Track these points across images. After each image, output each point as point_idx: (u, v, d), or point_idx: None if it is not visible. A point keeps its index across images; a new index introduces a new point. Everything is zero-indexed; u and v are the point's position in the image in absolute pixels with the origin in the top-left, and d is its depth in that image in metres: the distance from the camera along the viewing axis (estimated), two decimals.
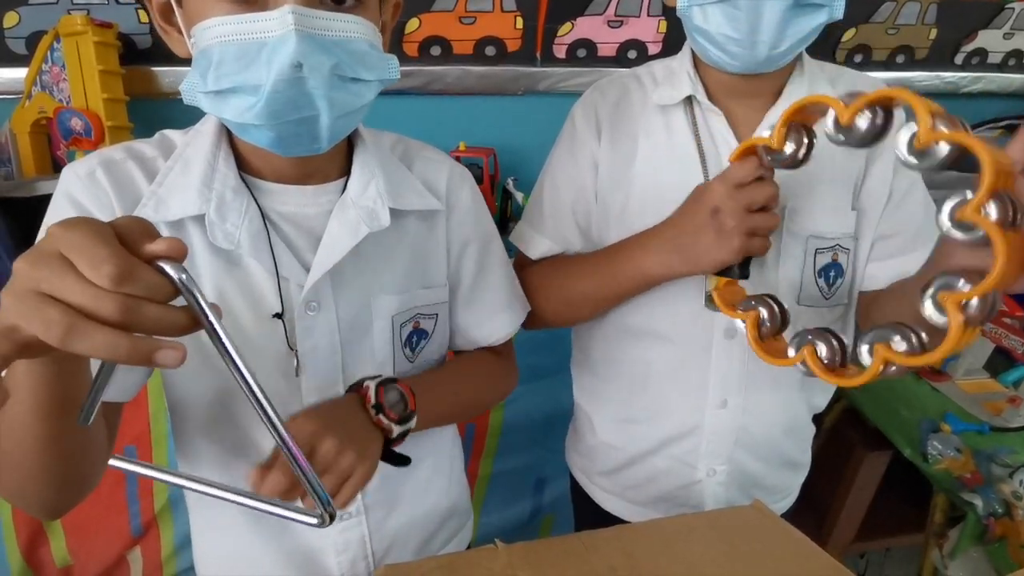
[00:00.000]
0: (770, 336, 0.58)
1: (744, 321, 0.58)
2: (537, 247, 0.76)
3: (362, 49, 0.47)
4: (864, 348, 0.47)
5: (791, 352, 0.53)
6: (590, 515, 0.88)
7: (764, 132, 0.65)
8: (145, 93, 1.24)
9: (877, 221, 0.69)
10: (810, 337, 0.52)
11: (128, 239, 0.32)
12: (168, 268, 0.33)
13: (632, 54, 1.40)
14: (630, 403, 0.78)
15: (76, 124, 1.11)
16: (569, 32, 1.36)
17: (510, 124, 1.46)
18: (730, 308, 0.60)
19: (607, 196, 0.72)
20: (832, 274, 0.69)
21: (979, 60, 1.59)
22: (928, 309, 0.43)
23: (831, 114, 0.50)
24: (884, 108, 0.48)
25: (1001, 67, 1.61)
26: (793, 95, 0.67)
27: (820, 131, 0.64)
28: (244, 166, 0.55)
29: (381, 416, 0.53)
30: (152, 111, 1.26)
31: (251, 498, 0.41)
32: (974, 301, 0.41)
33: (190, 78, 0.46)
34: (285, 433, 0.39)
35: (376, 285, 0.59)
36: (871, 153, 0.69)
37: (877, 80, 0.72)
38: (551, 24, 1.34)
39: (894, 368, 0.45)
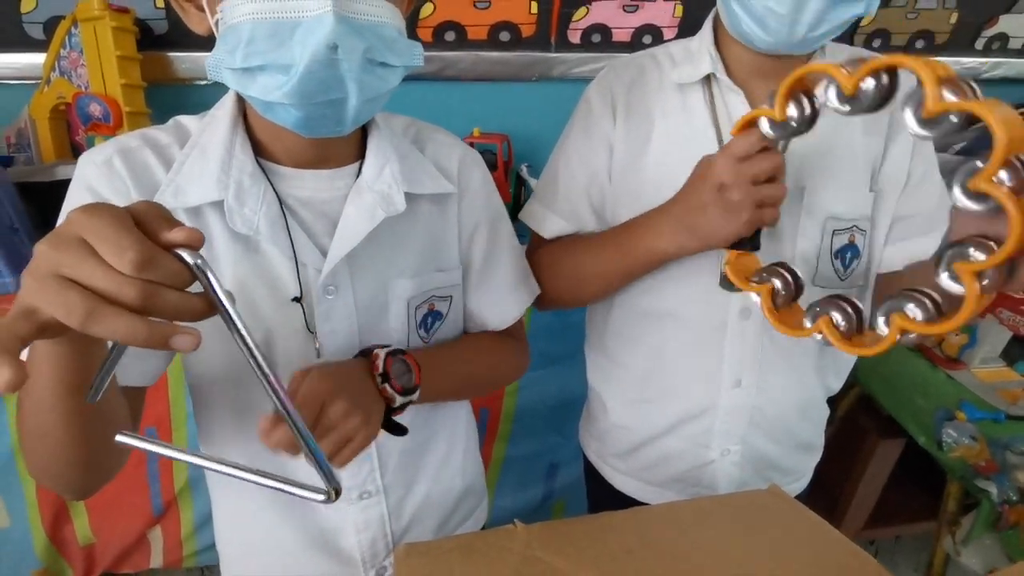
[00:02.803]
0: (785, 306, 0.58)
1: (759, 294, 0.57)
2: (550, 227, 0.76)
3: (391, 35, 0.47)
4: (881, 319, 0.47)
5: (807, 323, 0.53)
6: (604, 496, 0.89)
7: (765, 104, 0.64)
8: (161, 79, 1.25)
9: (895, 203, 0.69)
10: (825, 308, 0.52)
11: (146, 225, 0.33)
12: (186, 255, 0.33)
13: (647, 39, 1.39)
14: (644, 384, 0.78)
15: (95, 110, 1.12)
16: (584, 17, 1.34)
17: (524, 110, 1.46)
18: (743, 281, 0.59)
19: (622, 177, 0.72)
20: (848, 255, 0.69)
21: (1000, 45, 1.56)
22: (944, 279, 0.43)
23: (832, 87, 0.49)
24: (889, 73, 0.47)
25: (1022, 52, 1.58)
26: None
27: (858, 116, 0.63)
28: (259, 151, 0.55)
29: (386, 386, 0.54)
30: (169, 97, 1.27)
31: (258, 475, 0.41)
32: (990, 270, 0.41)
33: (216, 54, 0.46)
34: (296, 416, 0.40)
35: (392, 269, 0.59)
36: (889, 135, 0.68)
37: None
38: (566, 8, 1.33)
39: (912, 336, 0.45)
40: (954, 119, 0.42)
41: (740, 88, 0.67)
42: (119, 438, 0.38)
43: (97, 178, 0.51)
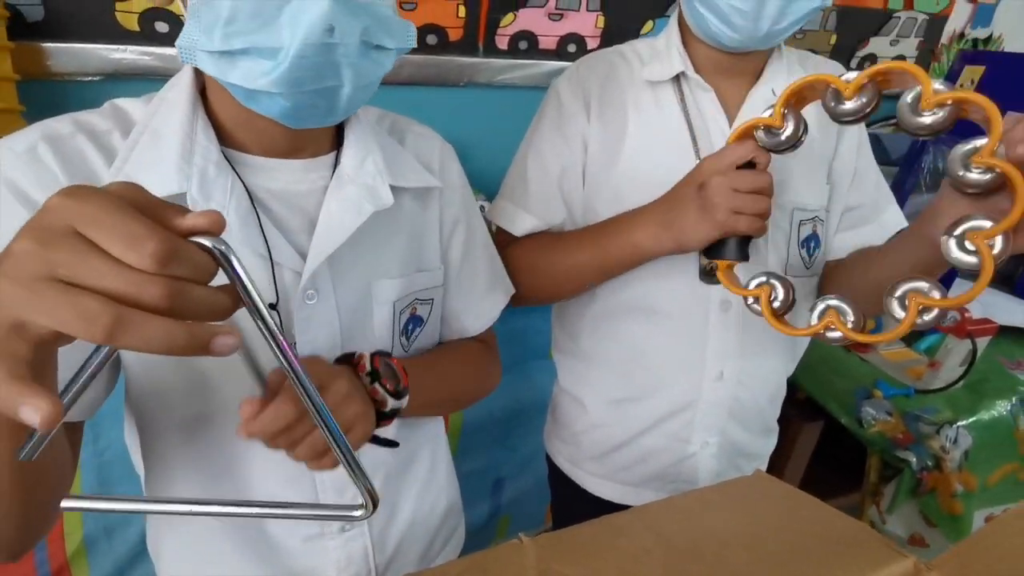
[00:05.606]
0: (782, 311, 0.59)
1: (757, 298, 0.58)
2: (521, 224, 0.74)
3: (386, 13, 0.42)
4: (895, 302, 0.49)
5: (813, 320, 0.55)
6: (575, 503, 0.87)
7: (759, 111, 0.67)
8: (35, 74, 1.07)
9: (844, 195, 0.74)
10: (830, 303, 0.54)
11: (151, 210, 0.27)
12: (207, 243, 0.29)
13: (572, 48, 1.41)
14: (625, 382, 0.77)
15: None
16: (511, 23, 1.34)
17: (451, 116, 1.42)
18: (737, 286, 0.60)
19: (597, 173, 0.72)
20: (812, 245, 0.73)
21: (870, 64, 1.76)
22: (955, 253, 0.46)
23: (829, 92, 0.53)
24: (877, 83, 0.52)
25: None
26: (775, 74, 0.69)
27: (813, 114, 0.67)
28: (223, 138, 0.48)
29: (376, 385, 0.49)
30: (45, 94, 1.09)
31: (275, 507, 0.35)
32: (998, 238, 0.44)
33: (189, 33, 0.39)
34: (331, 418, 0.34)
35: (376, 269, 0.54)
36: (839, 133, 0.73)
37: (837, 64, 0.77)
38: (494, 14, 1.31)
39: (931, 316, 0.47)
40: (945, 112, 0.47)
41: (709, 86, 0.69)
42: (65, 503, 0.30)
43: (19, 172, 0.42)
